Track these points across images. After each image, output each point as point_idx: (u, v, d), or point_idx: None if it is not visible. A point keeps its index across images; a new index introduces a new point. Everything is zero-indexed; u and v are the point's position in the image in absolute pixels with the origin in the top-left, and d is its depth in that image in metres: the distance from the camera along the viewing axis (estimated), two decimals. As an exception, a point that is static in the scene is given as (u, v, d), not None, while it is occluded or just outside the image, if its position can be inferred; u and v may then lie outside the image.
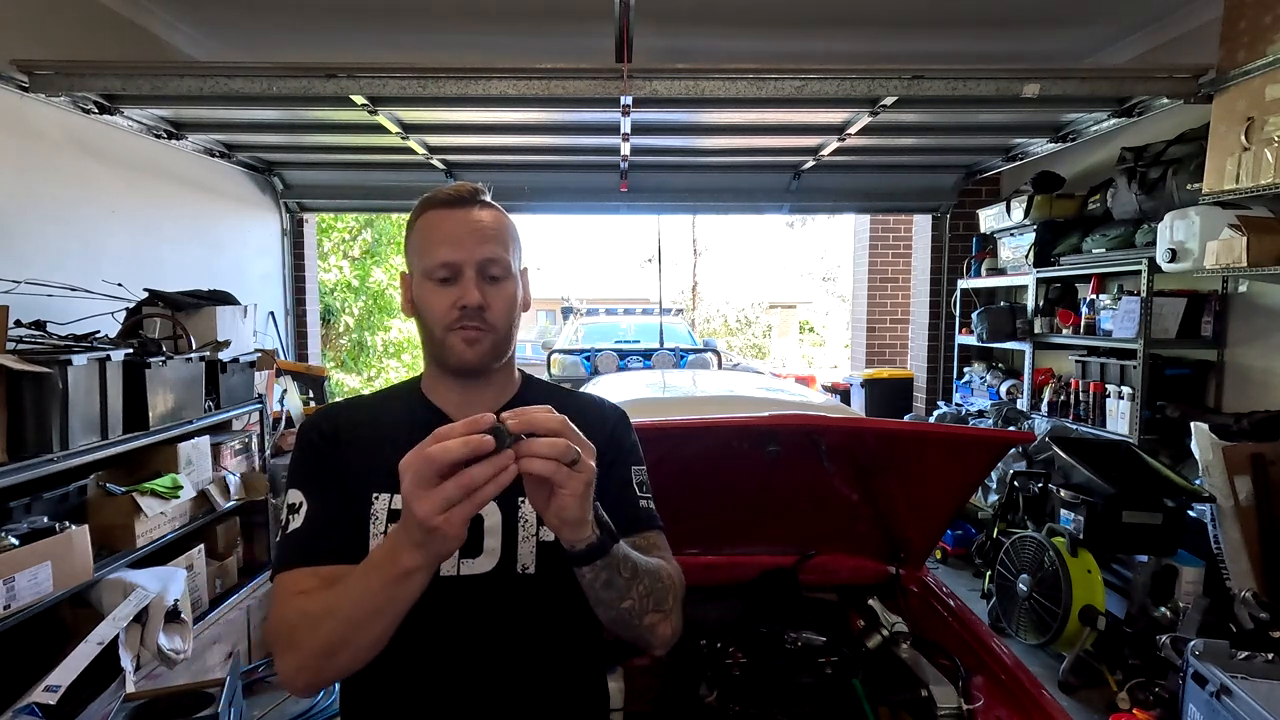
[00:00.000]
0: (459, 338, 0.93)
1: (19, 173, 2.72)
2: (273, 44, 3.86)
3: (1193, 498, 2.83)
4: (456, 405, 0.99)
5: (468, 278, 0.93)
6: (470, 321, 0.93)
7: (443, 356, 0.96)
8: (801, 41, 3.82)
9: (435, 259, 0.93)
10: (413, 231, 0.98)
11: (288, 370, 4.37)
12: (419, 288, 0.96)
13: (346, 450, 0.97)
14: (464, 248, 0.93)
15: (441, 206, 0.96)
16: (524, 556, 0.93)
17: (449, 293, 0.93)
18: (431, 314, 0.94)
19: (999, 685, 1.64)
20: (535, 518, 0.94)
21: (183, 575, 2.44)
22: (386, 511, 0.93)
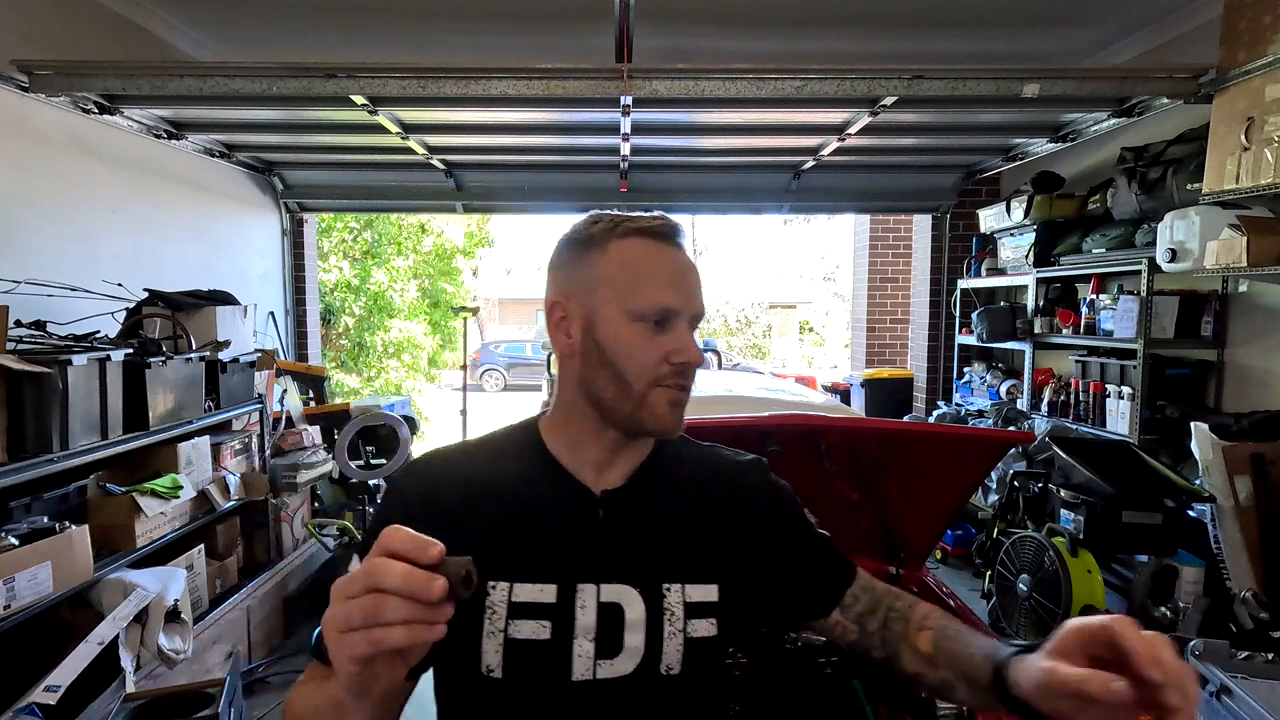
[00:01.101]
0: (665, 397, 0.80)
1: (19, 173, 2.72)
2: (273, 44, 3.85)
3: (1193, 498, 2.83)
4: (597, 466, 0.84)
5: (684, 330, 0.80)
6: (683, 380, 0.80)
7: (636, 414, 0.79)
8: (801, 41, 3.82)
9: (656, 300, 0.78)
10: (605, 255, 0.81)
11: (288, 370, 4.37)
12: (617, 327, 0.79)
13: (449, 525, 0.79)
14: (685, 294, 0.81)
15: (652, 238, 0.81)
16: (669, 656, 0.79)
17: (660, 342, 0.79)
18: (635, 362, 0.78)
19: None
20: (682, 609, 0.80)
21: (183, 575, 2.44)
22: (507, 605, 0.77)
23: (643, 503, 0.84)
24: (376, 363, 7.54)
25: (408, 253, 7.89)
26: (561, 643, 0.77)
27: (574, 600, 0.78)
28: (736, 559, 0.86)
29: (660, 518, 0.84)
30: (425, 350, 8.03)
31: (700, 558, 0.83)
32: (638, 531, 0.82)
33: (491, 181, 4.97)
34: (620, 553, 0.81)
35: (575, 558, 0.79)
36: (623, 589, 0.79)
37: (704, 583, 0.82)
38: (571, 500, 0.82)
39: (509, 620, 0.77)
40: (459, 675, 0.79)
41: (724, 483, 0.90)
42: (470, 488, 0.83)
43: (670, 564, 0.82)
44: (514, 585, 0.78)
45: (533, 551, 0.79)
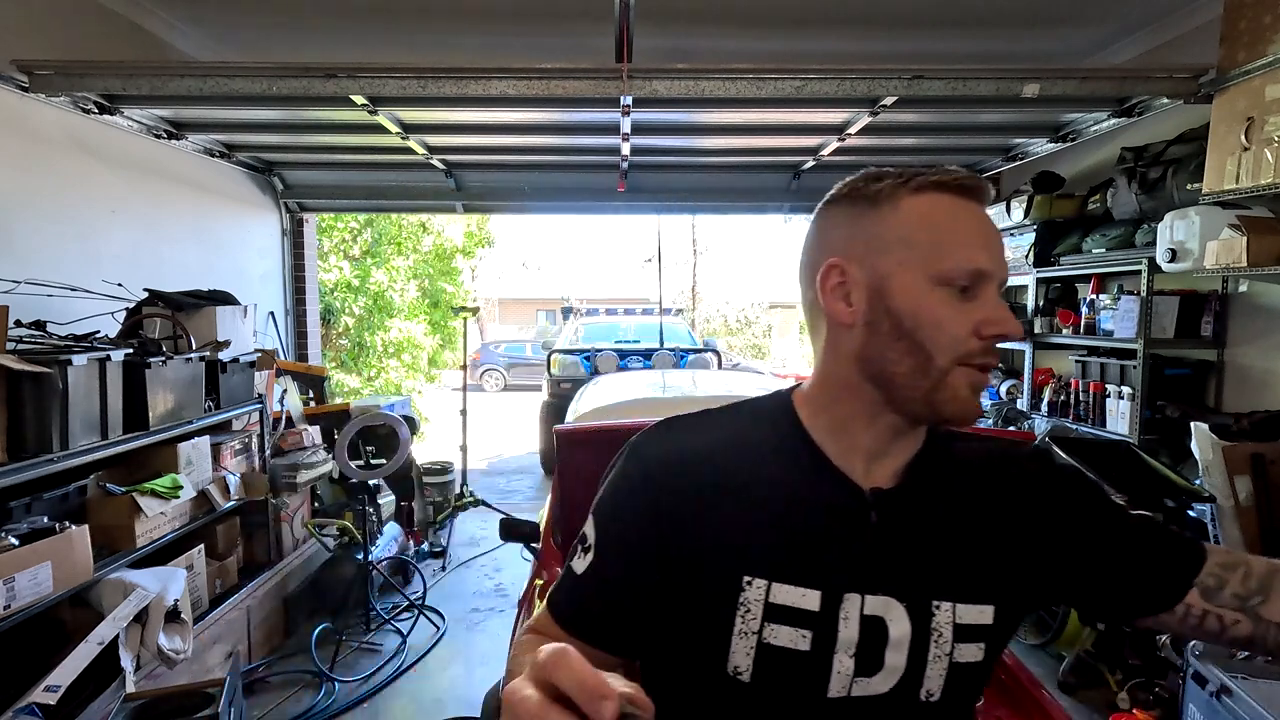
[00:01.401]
0: (967, 379, 0.69)
1: (19, 173, 2.72)
2: (273, 44, 3.85)
3: (1193, 498, 2.83)
4: (867, 458, 0.75)
5: (995, 297, 0.69)
6: (991, 359, 0.69)
7: (933, 396, 0.69)
8: (801, 41, 3.82)
9: (965, 261, 0.68)
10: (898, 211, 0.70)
11: (288, 370, 4.37)
12: (917, 292, 0.68)
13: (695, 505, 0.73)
14: (996, 257, 0.69)
15: (957, 193, 0.70)
16: (931, 680, 0.71)
17: (969, 311, 0.68)
18: (941, 334, 0.68)
19: (999, 685, 1.64)
20: (951, 631, 0.72)
21: (183, 575, 2.44)
22: (763, 605, 0.70)
23: (918, 506, 0.74)
24: (376, 363, 7.54)
25: (408, 253, 7.89)
26: (821, 656, 0.70)
27: (838, 610, 0.70)
28: (1021, 575, 0.75)
29: (935, 525, 0.74)
30: (425, 350, 8.03)
31: (977, 574, 0.74)
32: (910, 539, 0.73)
33: (491, 181, 4.97)
34: (890, 562, 0.72)
35: (843, 563, 0.71)
36: (888, 602, 0.71)
37: (978, 603, 0.73)
38: (840, 497, 0.73)
39: (764, 622, 0.70)
40: (698, 670, 0.73)
41: (1007, 482, 0.79)
42: (722, 465, 0.75)
43: (943, 579, 0.72)
44: (772, 584, 0.70)
45: (795, 550, 0.71)
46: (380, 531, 3.99)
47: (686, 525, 0.73)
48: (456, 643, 3.45)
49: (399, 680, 3.05)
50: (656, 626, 0.76)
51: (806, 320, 0.79)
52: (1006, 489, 0.78)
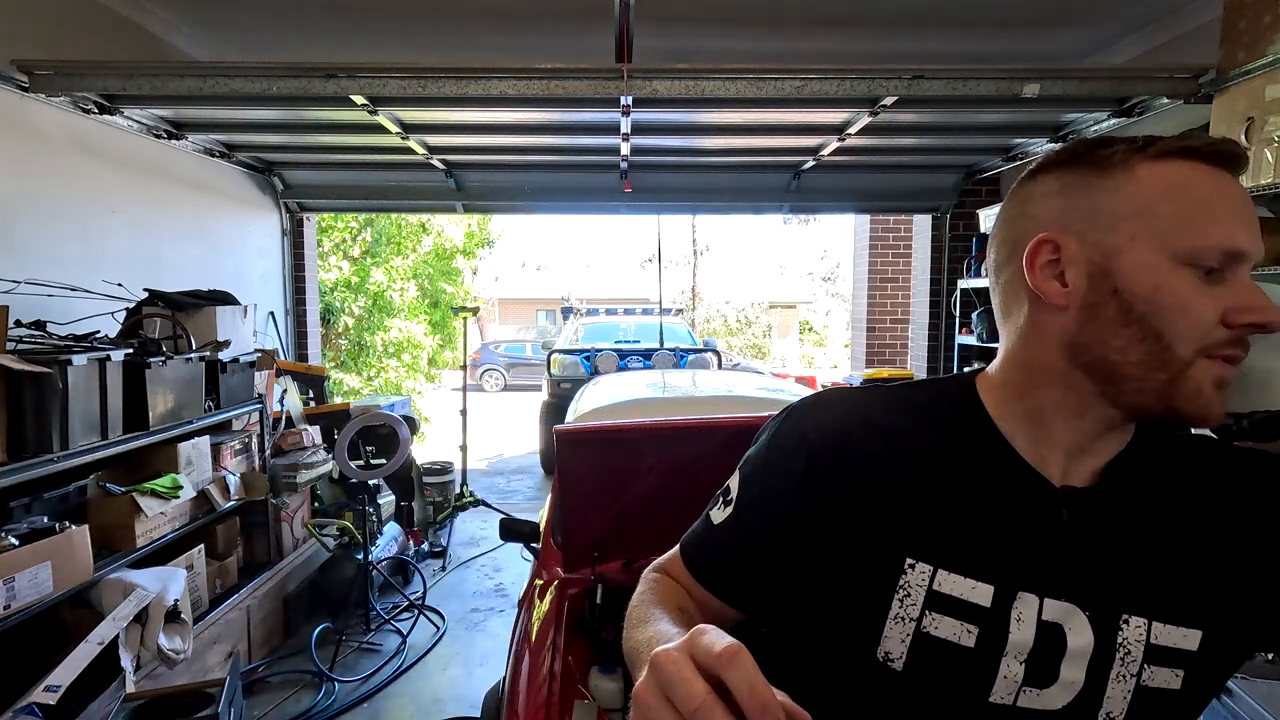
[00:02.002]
0: (1212, 373, 0.61)
1: (19, 173, 2.72)
2: (273, 44, 3.86)
3: (1193, 498, 2.82)
4: (1063, 454, 0.67)
5: (1248, 281, 0.60)
6: (1241, 351, 0.61)
7: (1168, 390, 0.61)
8: (801, 41, 3.82)
9: (1223, 240, 0.59)
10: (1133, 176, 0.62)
11: (288, 370, 4.37)
12: (1157, 272, 0.60)
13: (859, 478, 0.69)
14: (1255, 237, 0.60)
15: (1211, 162, 0.61)
16: (1113, 702, 0.63)
17: (1218, 295, 0.60)
18: (1185, 319, 0.60)
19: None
20: (1142, 650, 0.63)
21: (183, 575, 2.44)
22: (926, 591, 0.65)
23: (1117, 507, 0.67)
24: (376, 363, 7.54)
25: (407, 252, 7.90)
26: (988, 656, 0.64)
27: (1011, 609, 0.64)
28: (1243, 598, 0.65)
29: (1137, 530, 0.66)
30: (425, 350, 8.03)
31: (1183, 591, 0.65)
32: (1105, 543, 0.66)
33: (491, 181, 4.97)
34: (1075, 565, 0.65)
35: (1021, 559, 0.65)
36: (1070, 609, 0.64)
37: (1181, 625, 0.64)
38: (1025, 489, 0.67)
39: (925, 610, 0.65)
40: (846, 651, 0.69)
41: (1236, 491, 0.68)
42: (892, 436, 0.70)
43: (1139, 591, 0.65)
44: (938, 571, 0.65)
45: (967, 537, 0.66)
46: (380, 531, 3.99)
47: (844, 497, 0.69)
48: (456, 643, 3.45)
49: (399, 680, 3.05)
50: (800, 596, 0.73)
51: (998, 299, 0.72)
52: (1232, 496, 0.68)
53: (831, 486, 0.69)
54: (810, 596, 0.72)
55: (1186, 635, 0.64)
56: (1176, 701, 0.64)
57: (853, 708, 0.69)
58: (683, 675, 0.44)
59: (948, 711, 0.66)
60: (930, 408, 0.72)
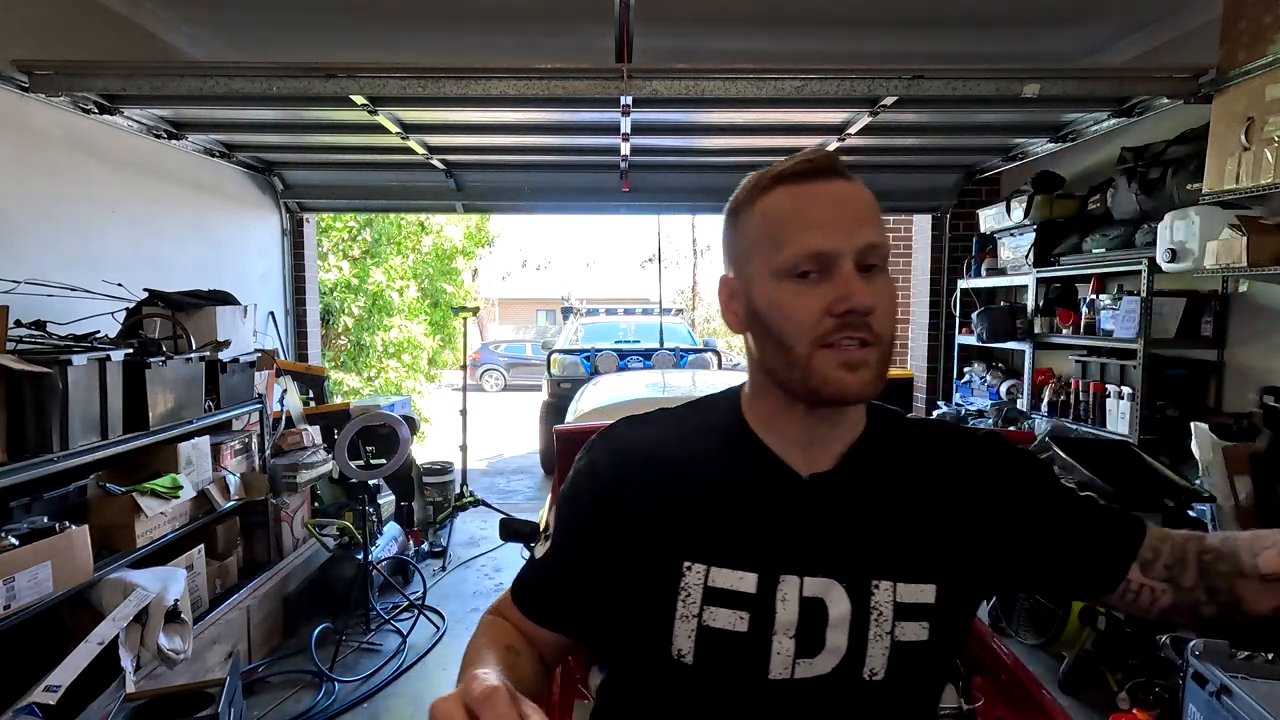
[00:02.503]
0: (834, 359, 0.69)
1: (19, 173, 2.72)
2: (273, 44, 3.86)
3: (1193, 498, 2.83)
4: (801, 447, 0.77)
5: (846, 271, 0.68)
6: (854, 333, 0.68)
7: (807, 384, 0.71)
8: (801, 41, 3.82)
9: (800, 248, 0.69)
10: (747, 218, 0.74)
11: (288, 370, 4.37)
12: (766, 291, 0.71)
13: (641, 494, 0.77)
14: (839, 231, 0.69)
15: (795, 180, 0.71)
16: (874, 659, 0.72)
17: (817, 293, 0.69)
18: (791, 325, 0.70)
19: (999, 685, 1.64)
20: (891, 610, 0.73)
21: (183, 575, 2.44)
22: (703, 589, 0.73)
23: (855, 489, 0.76)
24: (376, 363, 7.54)
25: (407, 252, 7.90)
26: (760, 637, 0.72)
27: (775, 592, 0.72)
28: (966, 555, 0.76)
29: (874, 506, 0.76)
30: (425, 350, 8.03)
31: (918, 553, 0.75)
32: (848, 521, 0.75)
33: (491, 181, 4.97)
34: (827, 544, 0.74)
35: (779, 546, 0.73)
36: (827, 583, 0.73)
37: (919, 581, 0.74)
38: (777, 483, 0.76)
39: (704, 606, 0.72)
40: (647, 654, 0.76)
41: (954, 465, 0.80)
42: (667, 460, 0.79)
43: (882, 559, 0.74)
44: (711, 569, 0.73)
45: (732, 535, 0.74)
46: (380, 531, 3.99)
47: (632, 515, 0.77)
48: (456, 643, 3.44)
49: (399, 680, 3.05)
50: (606, 612, 0.80)
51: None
52: (951, 470, 0.79)
53: (619, 510, 0.78)
54: (614, 610, 0.79)
55: (924, 590, 0.74)
56: (926, 651, 0.73)
57: (660, 704, 0.77)
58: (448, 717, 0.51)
59: (737, 694, 0.73)
60: (705, 423, 0.83)
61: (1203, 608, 0.74)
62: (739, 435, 0.79)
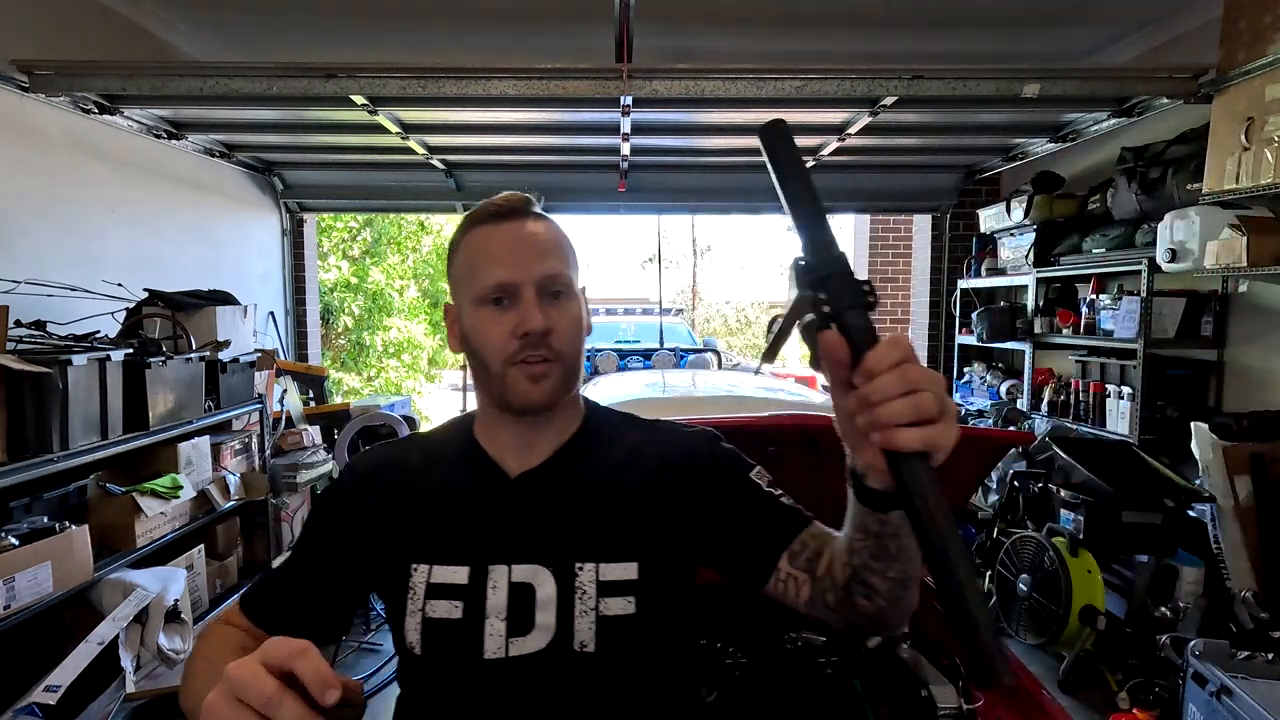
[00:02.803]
0: (521, 373, 0.81)
1: (19, 173, 2.72)
2: (273, 44, 3.86)
3: (1193, 498, 2.83)
4: (514, 450, 0.88)
5: (527, 299, 0.81)
6: (535, 352, 0.80)
7: (503, 396, 0.82)
8: (801, 41, 3.82)
9: (487, 280, 0.81)
10: (456, 254, 0.87)
11: (288, 370, 4.37)
12: (470, 317, 0.83)
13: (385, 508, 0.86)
14: (520, 264, 0.81)
15: (488, 222, 0.84)
16: (582, 633, 0.80)
17: (505, 319, 0.81)
18: (487, 347, 0.81)
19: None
20: (595, 588, 0.81)
21: (183, 575, 2.44)
22: (426, 586, 0.82)
23: (558, 483, 0.86)
24: (376, 363, 7.54)
25: (406, 252, 7.90)
26: (473, 622, 0.80)
27: (486, 581, 0.81)
28: (665, 535, 0.85)
29: (576, 497, 0.85)
30: (425, 350, 8.03)
31: (619, 536, 0.84)
32: (551, 512, 0.85)
33: (491, 181, 4.97)
34: (534, 534, 0.83)
35: (488, 540, 0.83)
36: (535, 569, 0.82)
37: (621, 561, 0.82)
38: (487, 483, 0.87)
39: (426, 600, 0.81)
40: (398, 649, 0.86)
41: (658, 457, 0.89)
42: (403, 474, 0.89)
43: (584, 543, 0.83)
44: (432, 567, 0.82)
45: (449, 535, 0.84)
46: (380, 531, 3.98)
47: (371, 527, 0.86)
48: (456, 643, 3.44)
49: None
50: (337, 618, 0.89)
51: None
52: (656, 462, 0.89)
53: (360, 523, 0.87)
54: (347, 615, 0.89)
55: (627, 568, 0.82)
56: (634, 624, 0.81)
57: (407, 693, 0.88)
58: (255, 676, 0.52)
59: (459, 676, 0.81)
60: (440, 442, 0.94)
61: (827, 595, 0.79)
62: (465, 447, 0.90)
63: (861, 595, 0.76)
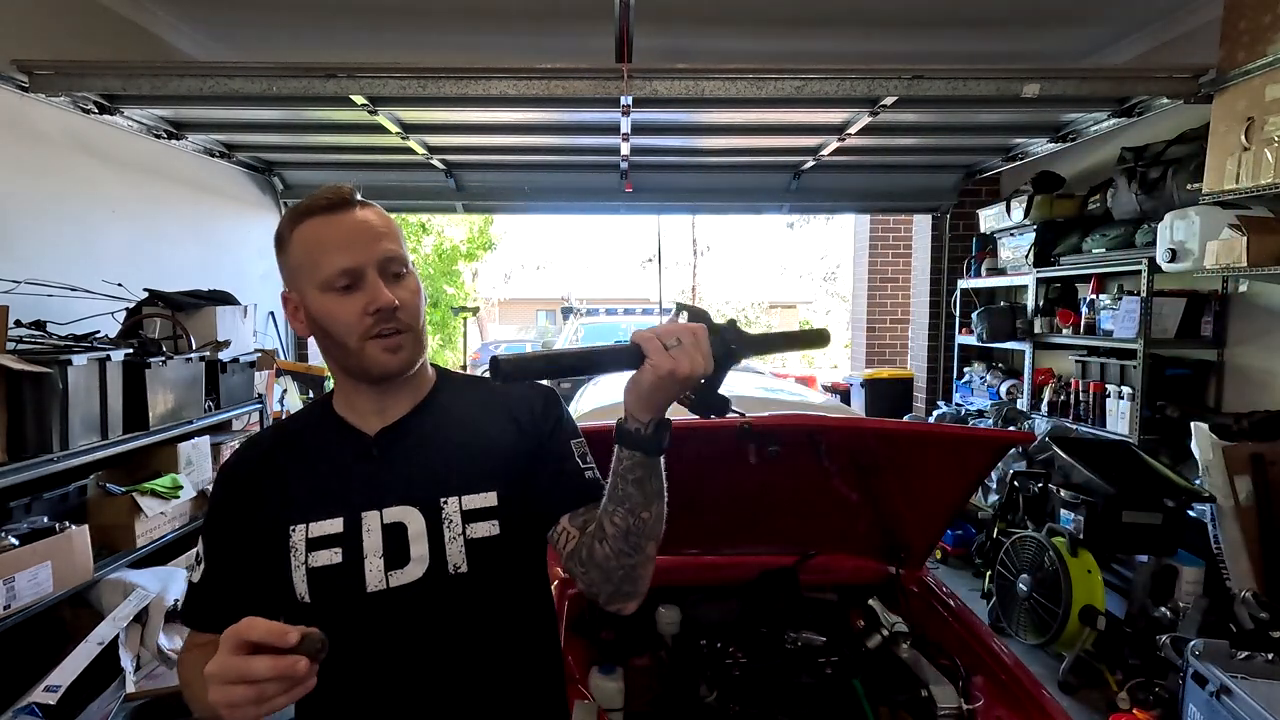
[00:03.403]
0: (378, 346, 0.89)
1: (19, 173, 2.72)
2: (273, 44, 3.86)
3: (1193, 498, 2.83)
4: (373, 414, 0.96)
5: (372, 280, 0.88)
6: (387, 325, 0.89)
7: (363, 368, 0.91)
8: (801, 41, 3.82)
9: (332, 268, 0.87)
10: (290, 246, 0.92)
11: (288, 370, 4.37)
12: (318, 303, 0.89)
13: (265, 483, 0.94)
14: (361, 250, 0.88)
15: (321, 214, 0.90)
16: (454, 556, 0.91)
17: (354, 300, 0.88)
18: (341, 327, 0.89)
19: (999, 685, 1.64)
20: (460, 516, 0.92)
21: (183, 575, 2.44)
22: (305, 541, 0.90)
23: (415, 434, 0.96)
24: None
25: (407, 253, 7.90)
26: (353, 563, 0.89)
27: (360, 527, 0.90)
28: (515, 465, 0.96)
29: (434, 444, 0.96)
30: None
31: (476, 471, 0.94)
32: (412, 459, 0.95)
33: (491, 181, 4.97)
34: (398, 480, 0.93)
35: (355, 491, 0.92)
36: (404, 509, 0.91)
37: (481, 491, 0.93)
38: (349, 444, 0.95)
39: (308, 553, 0.90)
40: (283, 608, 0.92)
41: (503, 406, 1.01)
42: (272, 454, 0.98)
43: (445, 481, 0.93)
44: (309, 524, 0.91)
45: (319, 493, 0.93)
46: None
47: (249, 506, 0.94)
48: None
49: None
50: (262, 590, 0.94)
51: None
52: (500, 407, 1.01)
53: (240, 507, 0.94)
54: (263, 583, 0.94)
55: (486, 497, 0.93)
56: (500, 544, 0.92)
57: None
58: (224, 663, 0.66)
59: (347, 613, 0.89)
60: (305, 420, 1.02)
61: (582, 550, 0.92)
62: (326, 418, 0.98)
63: (598, 540, 0.89)
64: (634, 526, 0.86)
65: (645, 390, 0.80)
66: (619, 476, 0.85)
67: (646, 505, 0.85)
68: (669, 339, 0.78)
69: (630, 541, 0.87)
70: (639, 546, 0.87)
